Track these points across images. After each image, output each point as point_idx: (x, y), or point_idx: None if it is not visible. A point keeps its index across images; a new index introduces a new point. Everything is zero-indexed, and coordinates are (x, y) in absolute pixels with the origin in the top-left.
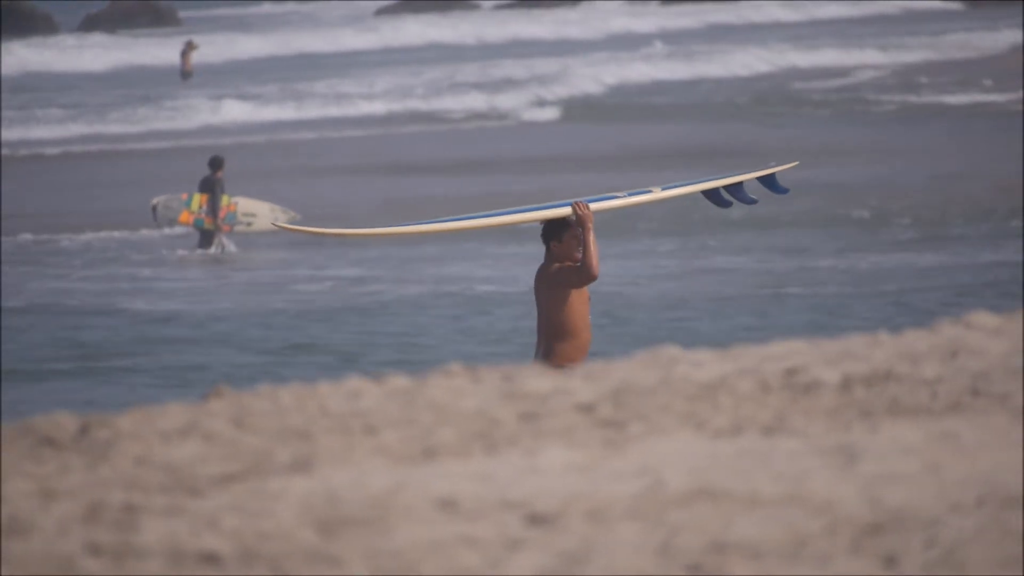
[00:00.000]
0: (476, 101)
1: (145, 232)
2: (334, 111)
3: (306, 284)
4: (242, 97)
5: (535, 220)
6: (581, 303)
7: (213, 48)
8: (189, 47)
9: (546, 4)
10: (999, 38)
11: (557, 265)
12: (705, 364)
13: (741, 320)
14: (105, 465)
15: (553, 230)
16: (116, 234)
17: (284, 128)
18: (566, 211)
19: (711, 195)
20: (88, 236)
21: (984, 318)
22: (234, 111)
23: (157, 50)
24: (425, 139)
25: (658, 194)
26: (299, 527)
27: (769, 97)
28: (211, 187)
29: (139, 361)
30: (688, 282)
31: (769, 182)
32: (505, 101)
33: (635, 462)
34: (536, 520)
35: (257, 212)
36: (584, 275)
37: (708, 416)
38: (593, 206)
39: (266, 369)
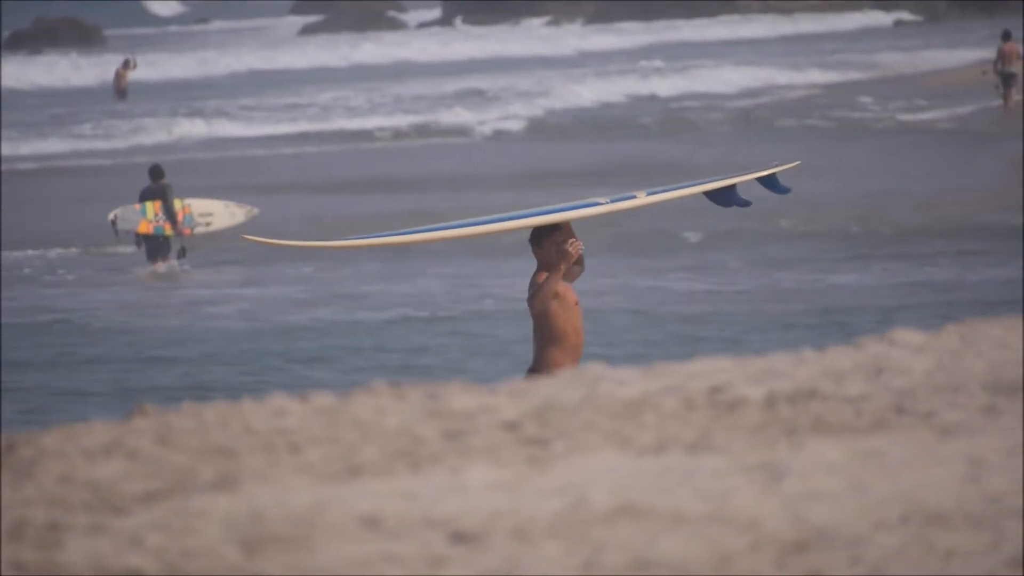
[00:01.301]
0: (407, 120)
1: (86, 249)
2: (263, 129)
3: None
4: (177, 115)
5: (520, 228)
6: (566, 309)
7: (142, 68)
8: (126, 66)
9: (475, 21)
10: (930, 56)
11: (543, 274)
12: (629, 382)
13: (664, 338)
14: (29, 483)
15: (536, 236)
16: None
17: (222, 145)
18: (551, 219)
19: (717, 196)
20: (19, 254)
21: (908, 336)
22: (180, 128)
23: (90, 69)
24: (349, 157)
25: (642, 199)
26: (223, 545)
27: (698, 115)
28: (161, 193)
29: (64, 379)
30: (611, 300)
31: (770, 183)
32: (436, 119)
33: (559, 480)
34: (460, 538)
35: (213, 211)
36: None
37: (632, 434)
38: (576, 213)
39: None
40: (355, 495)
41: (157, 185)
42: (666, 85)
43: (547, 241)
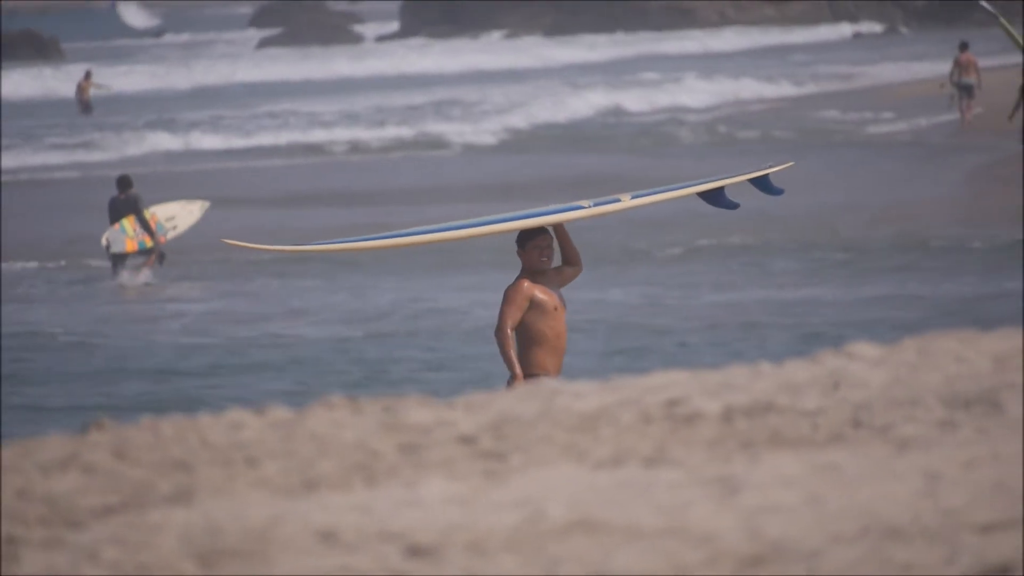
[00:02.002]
0: (369, 133)
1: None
2: (228, 142)
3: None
4: (138, 128)
5: (499, 232)
6: (543, 313)
7: (102, 81)
8: (88, 79)
9: (433, 34)
10: (890, 68)
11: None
12: (586, 395)
13: (621, 352)
14: None
15: (519, 239)
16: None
17: (185, 159)
18: (537, 222)
19: (710, 198)
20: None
21: (866, 349)
22: (143, 141)
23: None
24: (309, 171)
25: (627, 203)
26: (179, 559)
27: (662, 128)
28: (132, 206)
29: (19, 393)
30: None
31: (763, 184)
32: (398, 133)
33: (516, 493)
34: (416, 552)
35: (174, 213)
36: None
37: (589, 447)
38: (560, 217)
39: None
40: (312, 509)
41: (126, 196)
42: (629, 98)
43: (529, 244)
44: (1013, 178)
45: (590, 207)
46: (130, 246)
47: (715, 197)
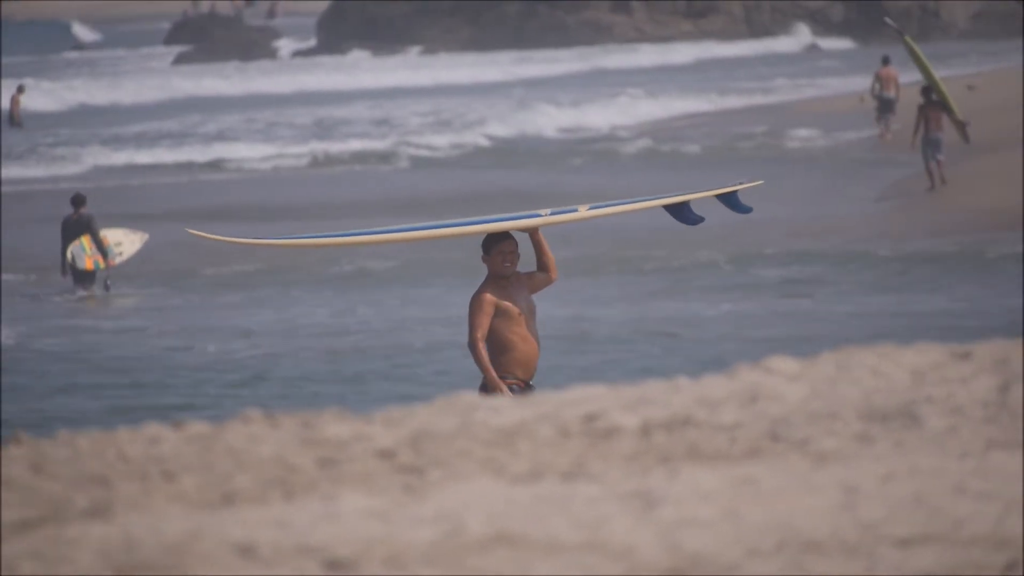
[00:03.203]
0: (292, 149)
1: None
2: (152, 158)
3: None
4: (72, 143)
5: (477, 233)
6: (508, 319)
7: (28, 96)
8: (20, 92)
9: (349, 49)
10: (807, 84)
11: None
12: (504, 410)
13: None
14: None
15: (484, 244)
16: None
17: (114, 174)
18: (528, 223)
19: (675, 212)
20: None
21: (783, 363)
22: (69, 157)
23: None
24: (221, 186)
25: (583, 213)
26: (97, 574)
27: (576, 145)
28: (87, 226)
29: None
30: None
31: (731, 201)
32: (325, 148)
33: (434, 508)
34: (334, 566)
35: (120, 240)
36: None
37: (507, 462)
38: (517, 223)
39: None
40: (229, 523)
41: (79, 215)
42: (548, 114)
43: (494, 250)
44: (927, 192)
45: (548, 215)
46: (89, 264)
47: (679, 211)
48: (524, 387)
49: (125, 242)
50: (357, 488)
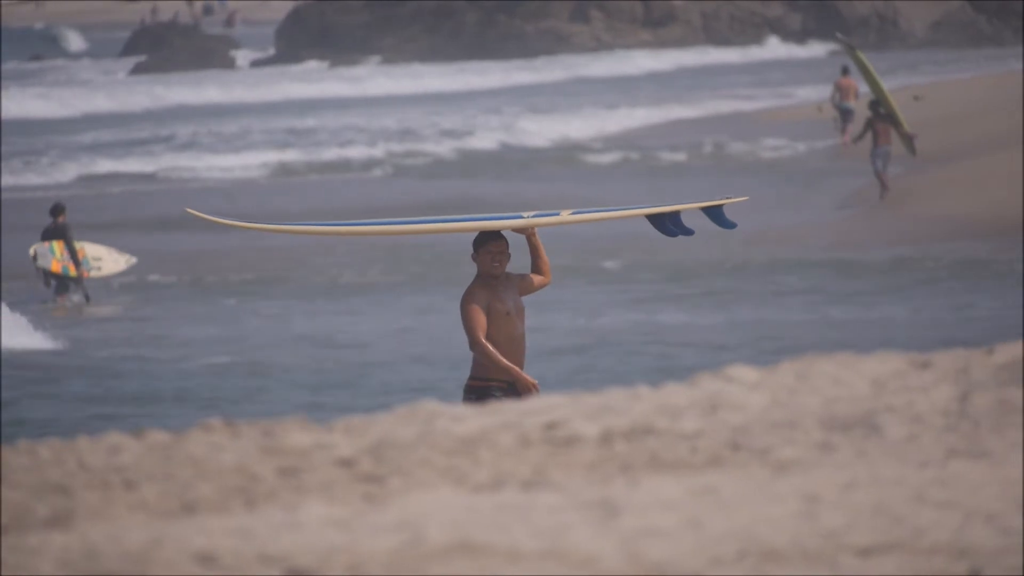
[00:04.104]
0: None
1: None
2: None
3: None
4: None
5: (473, 230)
6: (494, 318)
7: None
8: None
9: (308, 58)
10: (767, 92)
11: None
12: (465, 418)
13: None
14: None
15: (474, 242)
16: None
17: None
18: (508, 223)
19: (657, 223)
20: None
21: (744, 372)
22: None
23: None
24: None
25: (565, 217)
26: None
27: (542, 153)
28: (63, 233)
29: None
30: (437, 334)
31: (716, 215)
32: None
33: (395, 517)
34: (295, 575)
35: (101, 256)
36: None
37: (468, 470)
38: (500, 223)
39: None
40: (190, 532)
41: (56, 225)
42: (509, 123)
43: (482, 250)
44: (885, 201)
45: (529, 217)
46: (55, 267)
47: (660, 222)
48: (505, 387)
49: (107, 259)
50: (318, 497)
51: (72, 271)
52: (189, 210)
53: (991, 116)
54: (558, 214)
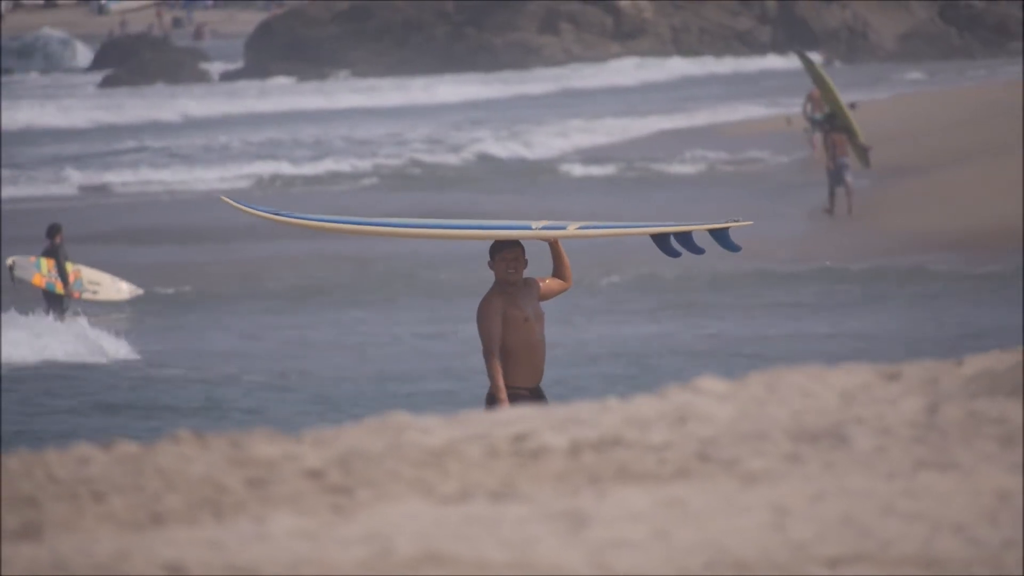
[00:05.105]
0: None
1: None
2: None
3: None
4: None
5: (488, 238)
6: (512, 326)
7: None
8: None
9: (276, 72)
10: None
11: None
12: (433, 430)
13: (467, 386)
14: None
15: (491, 250)
16: None
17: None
18: (520, 234)
19: (661, 243)
20: None
21: (712, 384)
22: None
23: None
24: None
25: (572, 231)
26: None
27: (511, 167)
28: (54, 253)
29: None
30: (402, 348)
31: (721, 238)
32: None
33: (363, 528)
34: None
35: (100, 282)
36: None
37: (436, 482)
38: (502, 232)
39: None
40: (159, 544)
41: (52, 245)
42: (481, 137)
43: (497, 257)
44: (855, 213)
45: (538, 228)
46: (37, 280)
47: (664, 241)
48: (531, 395)
49: (106, 286)
50: (286, 508)
51: (59, 288)
52: (224, 198)
53: (962, 129)
54: (565, 227)
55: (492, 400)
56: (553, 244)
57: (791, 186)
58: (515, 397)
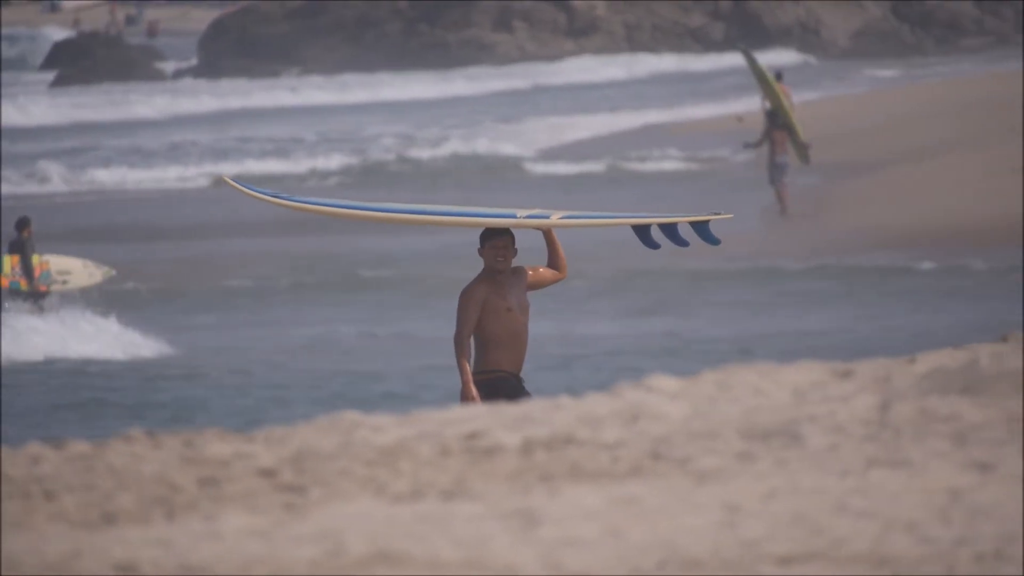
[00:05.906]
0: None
1: None
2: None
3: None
4: None
5: (475, 225)
6: (495, 314)
7: None
8: None
9: (227, 71)
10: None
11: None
12: (385, 429)
13: (419, 386)
14: None
15: (480, 237)
16: None
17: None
18: (505, 222)
19: (642, 235)
20: None
21: (665, 382)
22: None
23: None
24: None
25: (555, 220)
26: None
27: (467, 163)
28: (20, 248)
29: None
30: (373, 344)
31: (702, 230)
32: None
33: (316, 527)
34: None
35: (71, 269)
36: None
37: (388, 480)
38: (488, 220)
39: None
40: (110, 542)
41: (20, 239)
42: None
43: (487, 244)
44: (805, 212)
45: (522, 217)
46: (2, 281)
47: (644, 233)
48: (510, 377)
49: (78, 272)
50: (238, 507)
51: (23, 285)
52: (225, 178)
53: (912, 127)
54: (548, 216)
55: (479, 386)
56: (547, 233)
57: (743, 184)
58: (501, 380)
